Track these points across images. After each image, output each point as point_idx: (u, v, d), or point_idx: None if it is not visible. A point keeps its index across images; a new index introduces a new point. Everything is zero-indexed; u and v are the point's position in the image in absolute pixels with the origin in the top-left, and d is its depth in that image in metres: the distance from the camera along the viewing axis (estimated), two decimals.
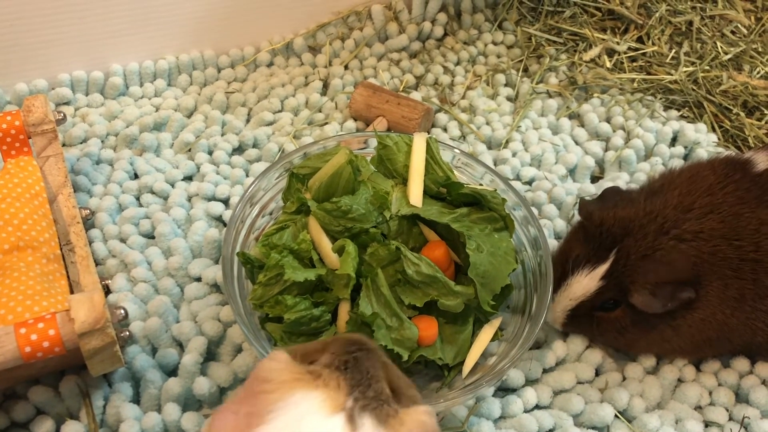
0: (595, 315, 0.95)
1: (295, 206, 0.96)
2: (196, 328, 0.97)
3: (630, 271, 0.90)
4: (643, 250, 0.90)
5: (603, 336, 0.98)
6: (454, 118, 1.35)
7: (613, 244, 0.92)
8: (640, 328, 0.94)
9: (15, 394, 0.89)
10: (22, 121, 1.04)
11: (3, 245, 0.91)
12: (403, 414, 0.59)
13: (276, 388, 0.57)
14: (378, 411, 0.58)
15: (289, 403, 0.56)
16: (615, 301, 0.93)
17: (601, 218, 0.95)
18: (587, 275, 0.94)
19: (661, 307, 0.88)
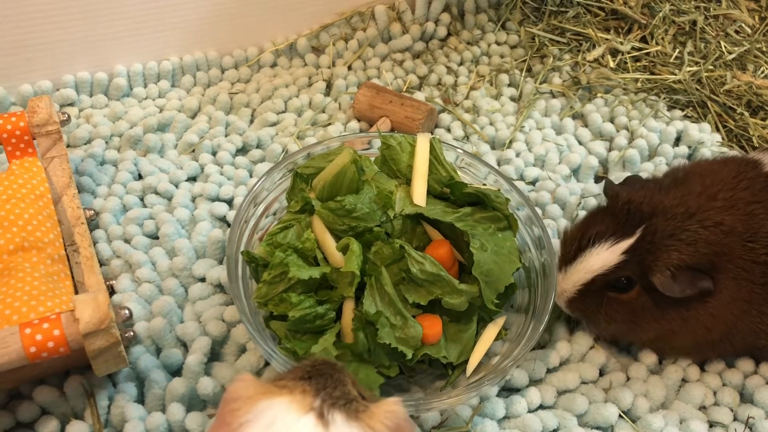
0: (607, 295, 0.92)
1: (299, 205, 0.96)
2: (201, 328, 0.97)
3: (655, 250, 0.88)
4: (671, 230, 0.88)
5: (610, 319, 0.94)
6: (457, 119, 1.35)
7: (640, 221, 0.90)
8: (650, 315, 0.91)
9: (20, 394, 0.89)
10: (27, 122, 1.04)
11: (8, 246, 0.91)
12: (373, 407, 0.61)
13: (243, 403, 0.59)
14: (347, 407, 0.60)
15: (259, 411, 0.58)
16: (630, 281, 0.91)
17: (628, 197, 0.93)
18: (609, 248, 0.91)
19: (679, 292, 0.86)
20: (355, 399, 0.62)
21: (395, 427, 0.60)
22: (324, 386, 0.61)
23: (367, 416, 0.60)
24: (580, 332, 1.02)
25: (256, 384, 0.61)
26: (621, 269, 0.90)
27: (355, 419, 0.60)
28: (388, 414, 0.60)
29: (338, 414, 0.59)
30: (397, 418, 0.60)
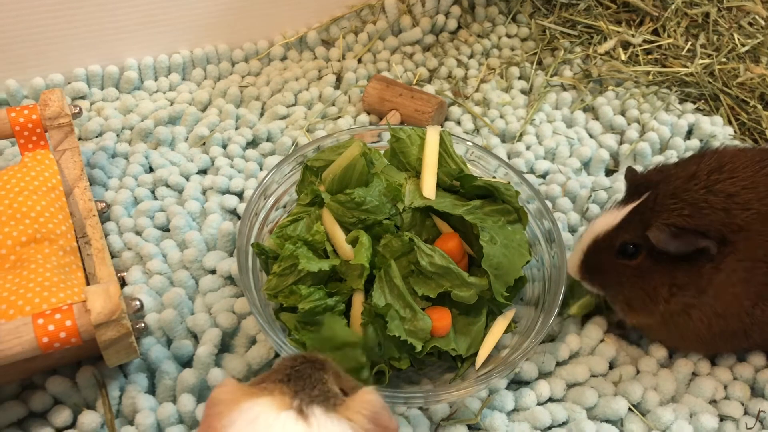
0: (616, 262, 0.91)
1: (308, 198, 0.96)
2: (211, 319, 0.98)
3: (656, 208, 0.88)
4: (672, 190, 0.88)
5: (619, 286, 0.93)
6: (467, 112, 1.35)
7: (646, 189, 0.90)
8: (659, 281, 0.89)
9: (33, 384, 0.90)
10: (39, 115, 1.05)
11: (20, 237, 0.92)
12: (349, 400, 0.63)
13: (226, 406, 0.62)
14: (325, 403, 0.62)
15: (240, 412, 0.60)
16: (636, 246, 0.90)
17: (643, 174, 0.94)
18: (614, 211, 0.92)
19: (674, 248, 0.85)
20: (332, 396, 0.64)
21: (372, 415, 0.62)
22: (303, 387, 0.64)
23: (344, 408, 0.63)
24: (590, 325, 1.01)
25: (238, 388, 0.64)
26: (624, 231, 0.90)
27: (333, 411, 0.62)
28: (364, 404, 0.63)
29: (316, 408, 0.61)
30: (373, 407, 0.63)
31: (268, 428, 0.59)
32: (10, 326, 0.77)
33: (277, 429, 0.59)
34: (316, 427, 0.60)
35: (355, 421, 0.62)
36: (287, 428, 0.59)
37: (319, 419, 0.60)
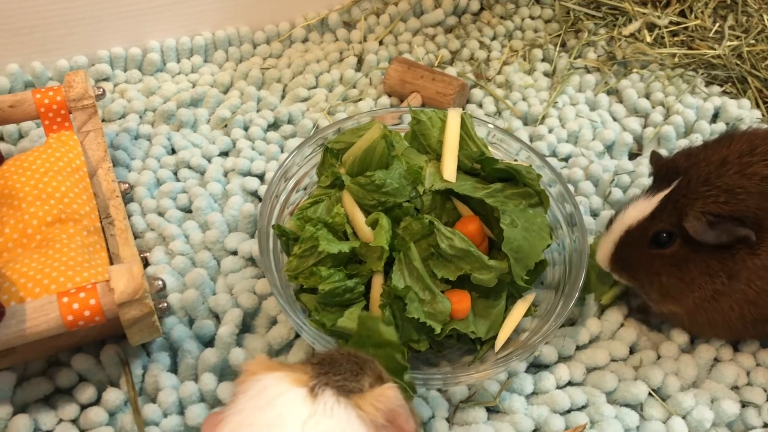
0: (649, 251, 0.90)
1: (329, 180, 0.96)
2: (232, 300, 0.99)
3: (689, 196, 0.86)
4: (705, 176, 0.86)
5: (653, 275, 0.91)
6: (489, 94, 1.34)
7: (676, 174, 0.89)
8: (694, 268, 0.88)
9: (59, 361, 0.92)
10: (64, 97, 1.06)
11: (45, 217, 0.94)
12: (368, 392, 0.62)
13: (248, 377, 0.63)
14: (340, 387, 0.61)
15: (258, 381, 0.61)
16: (669, 235, 0.88)
17: (669, 159, 0.92)
18: (644, 200, 0.90)
19: (713, 238, 0.84)
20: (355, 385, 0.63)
21: (388, 411, 0.61)
22: (327, 372, 0.63)
23: (359, 397, 0.62)
24: (611, 310, 1.01)
25: (266, 362, 0.64)
26: (657, 219, 0.88)
27: (345, 396, 0.61)
28: (381, 397, 0.61)
29: (329, 390, 0.61)
30: (390, 403, 0.61)
31: (273, 398, 0.60)
32: (36, 304, 0.79)
33: (281, 400, 0.60)
34: (321, 407, 0.59)
35: (366, 411, 0.61)
36: (291, 402, 0.60)
37: (327, 401, 0.60)
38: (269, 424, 0.58)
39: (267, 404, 0.59)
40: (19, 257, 0.90)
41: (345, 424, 0.59)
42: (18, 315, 0.78)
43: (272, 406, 0.59)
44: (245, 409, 0.60)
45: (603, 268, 0.95)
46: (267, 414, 0.59)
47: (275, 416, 0.58)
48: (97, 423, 0.86)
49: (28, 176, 0.98)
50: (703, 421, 0.90)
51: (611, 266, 0.94)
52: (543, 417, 0.90)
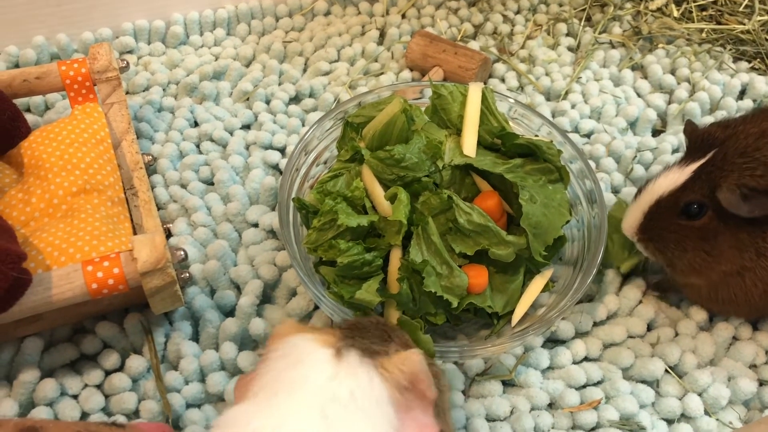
0: (677, 222, 0.88)
1: (349, 154, 0.97)
2: (253, 271, 1.00)
3: (725, 168, 0.84)
4: (742, 148, 0.84)
5: (681, 248, 0.89)
6: (512, 69, 1.33)
7: (712, 146, 0.87)
8: (724, 242, 0.86)
9: (84, 328, 0.94)
10: (88, 69, 1.07)
11: (71, 188, 0.95)
12: (393, 355, 0.64)
13: (278, 339, 0.65)
14: (366, 349, 0.63)
15: (288, 342, 0.64)
16: (701, 206, 0.86)
17: (705, 129, 0.90)
18: (677, 170, 0.88)
19: (746, 211, 0.82)
20: (380, 348, 0.65)
21: (411, 375, 0.62)
22: (354, 335, 0.65)
23: (384, 359, 0.63)
24: (629, 286, 1.01)
25: (295, 326, 0.67)
26: (689, 190, 0.86)
27: (370, 357, 0.63)
28: (405, 361, 0.63)
29: (354, 351, 0.63)
30: (414, 367, 0.62)
31: (300, 357, 0.62)
32: (62, 272, 0.81)
33: (308, 360, 0.62)
34: (345, 368, 0.61)
35: (390, 372, 0.62)
36: (317, 362, 0.62)
37: (351, 361, 0.62)
38: (295, 382, 0.60)
39: (294, 363, 0.62)
40: (45, 226, 0.92)
41: (366, 384, 0.61)
42: (44, 282, 0.80)
43: (299, 366, 0.61)
44: (275, 368, 0.63)
45: (629, 237, 0.94)
46: (293, 373, 0.61)
47: (301, 375, 0.61)
48: (120, 388, 0.88)
49: (53, 147, 0.99)
50: (719, 399, 0.90)
51: (637, 236, 0.93)
52: (558, 391, 0.91)
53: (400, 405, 0.62)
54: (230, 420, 0.60)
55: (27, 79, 1.05)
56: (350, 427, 0.58)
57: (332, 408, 0.58)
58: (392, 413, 0.61)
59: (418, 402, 0.64)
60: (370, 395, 0.60)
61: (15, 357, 0.90)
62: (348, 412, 0.58)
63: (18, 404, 0.86)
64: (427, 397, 0.64)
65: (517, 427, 0.87)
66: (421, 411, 0.64)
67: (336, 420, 0.57)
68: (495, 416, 0.88)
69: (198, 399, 0.89)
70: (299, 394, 0.59)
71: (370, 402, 0.60)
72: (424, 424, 0.63)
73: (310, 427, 0.57)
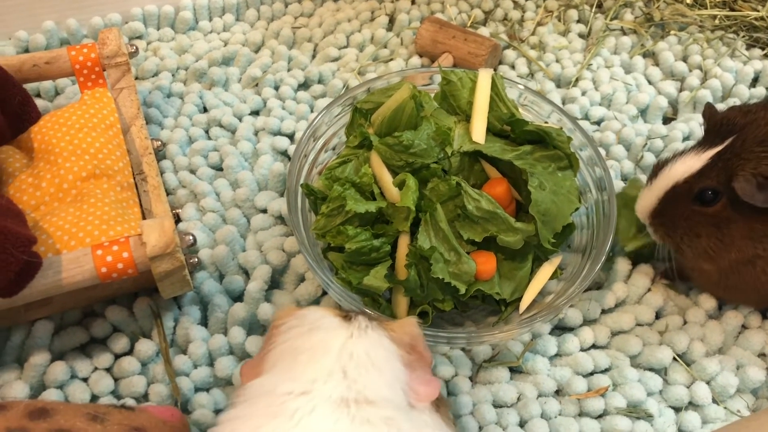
0: (691, 208, 0.87)
1: (357, 140, 0.96)
2: (262, 257, 1.01)
3: (743, 156, 0.82)
4: (762, 136, 0.82)
5: (693, 235, 0.88)
6: (522, 55, 1.32)
7: (731, 132, 0.85)
8: (736, 230, 0.85)
9: (94, 312, 0.95)
10: (98, 54, 1.07)
11: (81, 173, 0.96)
12: (393, 323, 0.72)
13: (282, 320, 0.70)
14: (369, 317, 0.70)
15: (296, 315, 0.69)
16: (715, 193, 0.85)
17: (725, 114, 0.88)
18: (694, 155, 0.86)
19: (762, 201, 0.81)
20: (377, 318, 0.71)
21: (411, 339, 0.69)
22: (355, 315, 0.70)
23: (388, 323, 0.71)
24: (638, 274, 1.00)
25: (296, 307, 0.72)
26: (705, 176, 0.85)
27: (376, 321, 0.70)
28: (405, 327, 0.70)
29: (360, 316, 0.68)
30: (413, 331, 0.70)
31: (313, 324, 0.66)
32: (71, 256, 0.81)
33: (321, 325, 0.66)
34: (358, 327, 0.66)
35: (396, 332, 0.69)
36: (330, 326, 0.66)
37: (361, 323, 0.67)
38: (313, 347, 0.64)
39: (308, 330, 0.66)
40: (55, 211, 0.92)
41: (378, 342, 0.67)
42: (54, 266, 0.80)
43: (313, 331, 0.66)
44: (289, 338, 0.67)
45: (641, 220, 0.93)
46: (311, 338, 0.65)
47: (318, 340, 0.65)
48: (129, 372, 0.89)
49: (63, 132, 0.99)
50: (727, 387, 0.90)
51: (650, 220, 0.92)
52: (565, 378, 0.91)
53: (406, 363, 0.68)
54: (255, 391, 0.63)
55: (37, 64, 1.05)
56: (368, 384, 0.62)
57: (351, 367, 0.63)
58: (402, 369, 0.67)
59: (418, 362, 0.69)
60: (383, 353, 0.66)
61: (26, 340, 0.91)
62: (364, 369, 0.63)
63: (29, 386, 0.87)
64: (425, 358, 0.70)
65: (524, 413, 0.87)
66: (422, 369, 0.69)
67: (355, 377, 0.62)
68: (502, 403, 0.89)
69: (206, 383, 0.89)
70: (321, 356, 0.63)
71: (383, 359, 0.65)
72: (428, 380, 0.68)
73: (336, 386, 0.61)
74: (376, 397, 0.62)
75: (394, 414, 0.62)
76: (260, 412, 0.60)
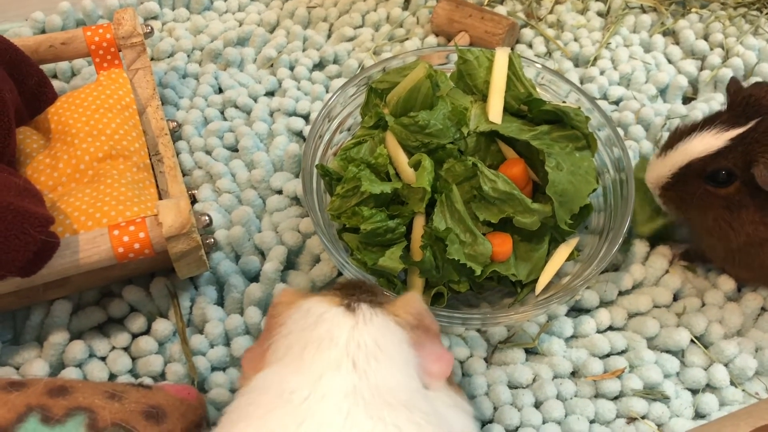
0: (704, 187, 0.85)
1: (372, 121, 0.96)
2: (277, 237, 1.01)
3: (765, 140, 0.81)
4: None
5: (703, 214, 0.87)
6: (540, 34, 1.30)
7: (756, 114, 0.83)
8: (748, 215, 0.84)
9: (111, 292, 0.96)
10: (113, 34, 1.07)
11: (97, 153, 0.96)
12: (395, 300, 0.71)
13: (284, 307, 0.69)
14: (371, 301, 0.68)
15: (300, 306, 0.68)
16: (729, 175, 0.83)
17: (750, 92, 0.86)
18: (715, 134, 0.84)
19: None
20: (380, 299, 0.70)
21: (416, 314, 0.68)
22: (353, 293, 0.70)
23: (390, 306, 0.69)
24: (655, 255, 0.99)
25: (296, 293, 0.71)
26: (723, 157, 0.83)
27: (379, 308, 0.68)
28: (408, 303, 0.69)
29: (364, 305, 0.67)
30: (416, 307, 0.69)
31: (318, 316, 0.65)
32: (89, 236, 0.82)
33: (326, 317, 0.65)
34: (362, 317, 0.65)
35: (400, 316, 0.68)
36: (335, 317, 0.65)
37: (365, 312, 0.66)
38: (320, 338, 0.64)
39: (314, 323, 0.65)
40: (72, 191, 0.93)
41: (385, 329, 0.66)
42: (72, 246, 0.81)
43: (319, 323, 0.65)
44: (293, 331, 0.66)
45: (651, 189, 0.92)
46: (316, 330, 0.64)
47: (324, 331, 0.64)
48: (147, 351, 0.90)
49: (80, 113, 1.00)
50: (745, 369, 0.89)
51: (660, 191, 0.91)
52: (581, 360, 0.90)
53: (415, 343, 0.67)
54: (261, 384, 0.63)
55: (53, 45, 1.06)
56: (380, 372, 0.62)
57: (360, 357, 0.62)
58: (412, 352, 0.66)
59: (426, 336, 0.69)
60: (391, 339, 0.65)
61: (45, 319, 0.92)
62: (375, 358, 0.62)
63: (48, 365, 0.88)
64: (432, 330, 0.70)
65: (539, 394, 0.87)
66: (431, 343, 0.69)
67: (367, 367, 0.61)
68: (517, 384, 0.89)
69: (223, 362, 0.90)
70: (327, 349, 0.63)
71: (392, 345, 0.65)
72: (438, 354, 0.69)
73: (346, 378, 0.60)
74: (390, 384, 0.61)
75: (412, 397, 0.62)
76: (267, 407, 0.59)
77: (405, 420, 0.59)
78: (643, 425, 0.86)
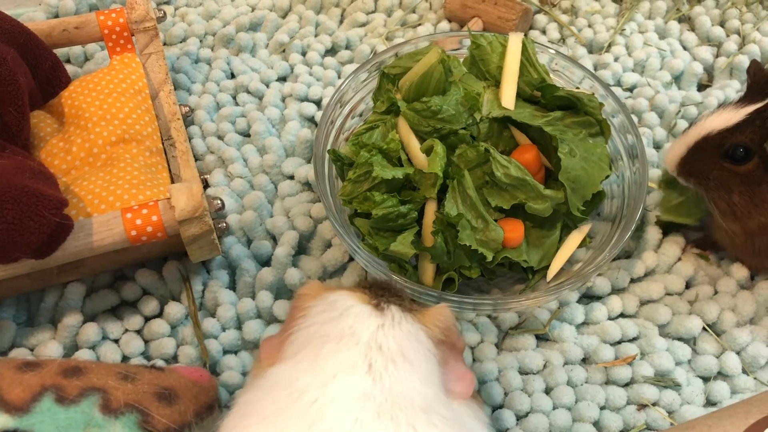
0: (721, 164, 0.85)
1: (385, 106, 0.96)
2: (289, 222, 1.01)
3: None
4: None
5: (719, 190, 0.86)
6: (553, 20, 1.29)
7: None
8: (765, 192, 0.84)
9: (124, 275, 0.97)
10: (126, 19, 1.07)
11: (110, 138, 0.96)
12: (425, 310, 0.66)
13: (310, 297, 0.66)
14: (401, 305, 0.64)
15: (325, 298, 0.65)
16: (747, 151, 0.82)
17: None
18: (733, 109, 0.84)
19: None
20: (409, 305, 0.67)
21: (445, 328, 0.65)
22: (381, 294, 0.66)
23: (420, 315, 0.65)
24: (668, 243, 0.99)
25: (322, 286, 0.68)
26: (739, 132, 0.83)
27: (409, 313, 0.65)
28: (439, 316, 0.65)
29: (393, 307, 0.64)
30: (446, 320, 0.65)
31: (342, 310, 0.63)
32: (102, 219, 0.82)
33: (351, 312, 0.63)
34: (391, 318, 0.62)
35: (429, 327, 0.64)
36: (361, 314, 0.62)
37: (395, 314, 0.63)
38: (341, 334, 0.61)
39: (338, 316, 0.62)
40: (85, 175, 0.93)
41: (413, 336, 0.62)
42: (85, 229, 0.82)
43: (343, 318, 0.62)
44: (315, 323, 0.63)
45: (669, 171, 0.91)
46: (338, 325, 0.62)
47: (347, 327, 0.61)
48: (159, 334, 0.90)
49: (93, 97, 1.00)
50: (758, 357, 0.89)
51: (678, 170, 0.90)
52: (592, 346, 0.90)
53: (440, 358, 0.64)
54: (275, 379, 0.60)
55: (66, 29, 1.06)
56: (397, 377, 0.59)
57: (379, 360, 0.59)
58: (437, 365, 0.63)
59: (450, 353, 0.66)
60: (417, 348, 0.62)
61: (59, 302, 0.93)
62: (394, 363, 0.59)
63: (62, 346, 0.89)
64: (458, 347, 0.66)
65: (550, 380, 0.87)
66: (455, 361, 0.66)
67: (383, 371, 0.58)
68: (528, 370, 0.89)
69: (235, 345, 0.91)
70: (346, 346, 0.60)
71: (418, 354, 0.61)
72: (462, 373, 0.65)
73: (359, 381, 0.58)
74: (407, 390, 0.58)
75: (431, 403, 0.58)
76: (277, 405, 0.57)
77: (423, 422, 0.56)
78: (654, 412, 0.86)
